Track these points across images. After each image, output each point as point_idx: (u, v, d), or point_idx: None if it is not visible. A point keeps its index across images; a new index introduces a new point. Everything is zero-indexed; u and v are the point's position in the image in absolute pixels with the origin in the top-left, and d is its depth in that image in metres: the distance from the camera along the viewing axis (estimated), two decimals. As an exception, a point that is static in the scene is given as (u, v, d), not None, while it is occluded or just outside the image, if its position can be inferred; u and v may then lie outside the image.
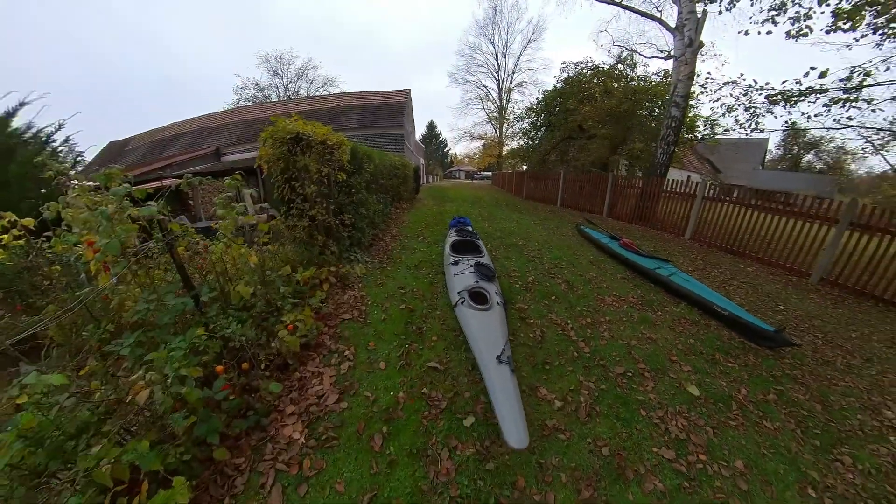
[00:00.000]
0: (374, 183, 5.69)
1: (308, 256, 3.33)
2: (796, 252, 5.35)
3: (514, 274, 4.53)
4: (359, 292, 3.59)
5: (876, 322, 3.98)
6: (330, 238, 3.63)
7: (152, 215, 1.67)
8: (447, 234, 5.49)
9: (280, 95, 31.69)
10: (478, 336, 2.32)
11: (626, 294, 4.00)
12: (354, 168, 4.49)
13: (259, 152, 2.92)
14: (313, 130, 3.15)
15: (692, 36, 8.33)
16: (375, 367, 2.48)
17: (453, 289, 3.14)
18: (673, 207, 7.96)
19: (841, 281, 4.82)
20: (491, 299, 2.84)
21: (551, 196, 12.25)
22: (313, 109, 18.28)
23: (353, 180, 4.50)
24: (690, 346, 2.99)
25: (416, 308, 3.36)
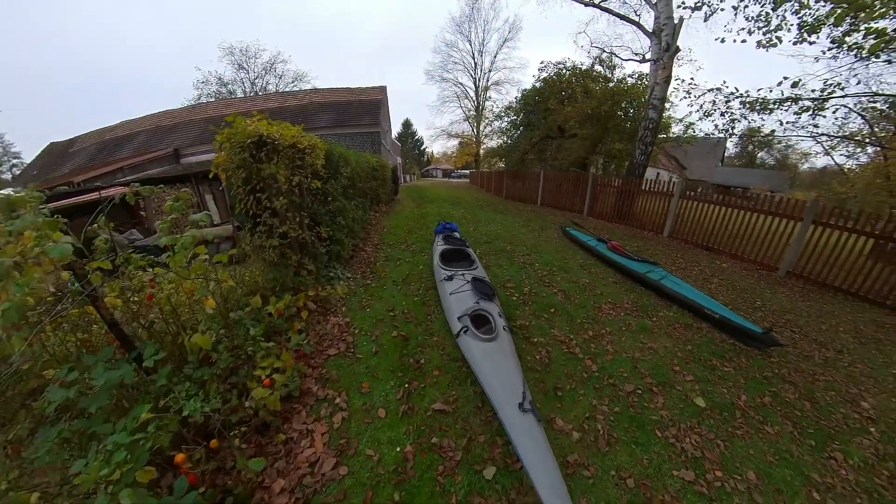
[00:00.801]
0: (351, 187, 5.27)
1: (281, 280, 2.89)
2: (765, 248, 5.68)
3: (509, 285, 4.29)
4: (343, 318, 3.19)
5: (839, 313, 4.32)
6: (305, 256, 3.22)
7: (64, 259, 1.22)
8: (433, 241, 5.18)
9: (246, 91, 30.00)
10: (489, 374, 2.07)
11: (620, 300, 3.97)
12: (330, 173, 4.08)
13: (215, 159, 2.45)
14: (281, 132, 2.71)
15: (669, 41, 8.51)
16: (374, 415, 2.14)
17: (451, 312, 2.85)
18: (651, 206, 8.17)
19: (805, 274, 5.19)
20: (496, 325, 2.58)
21: (531, 195, 12.25)
22: (282, 107, 17.29)
23: (329, 186, 4.09)
24: (689, 353, 3.01)
25: (411, 335, 3.03)
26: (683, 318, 3.65)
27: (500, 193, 14.88)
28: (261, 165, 2.52)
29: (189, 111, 19.32)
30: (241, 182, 2.60)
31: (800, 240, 5.23)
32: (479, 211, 10.07)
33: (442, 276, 3.43)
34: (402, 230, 6.65)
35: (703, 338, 3.28)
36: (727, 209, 6.29)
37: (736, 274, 5.46)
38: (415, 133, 57.28)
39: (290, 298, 2.61)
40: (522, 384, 1.99)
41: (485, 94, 32.03)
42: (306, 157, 3.11)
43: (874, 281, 4.64)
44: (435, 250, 4.42)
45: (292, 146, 2.86)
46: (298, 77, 31.63)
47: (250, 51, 29.90)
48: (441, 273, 3.53)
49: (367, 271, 4.42)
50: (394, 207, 9.89)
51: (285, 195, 2.78)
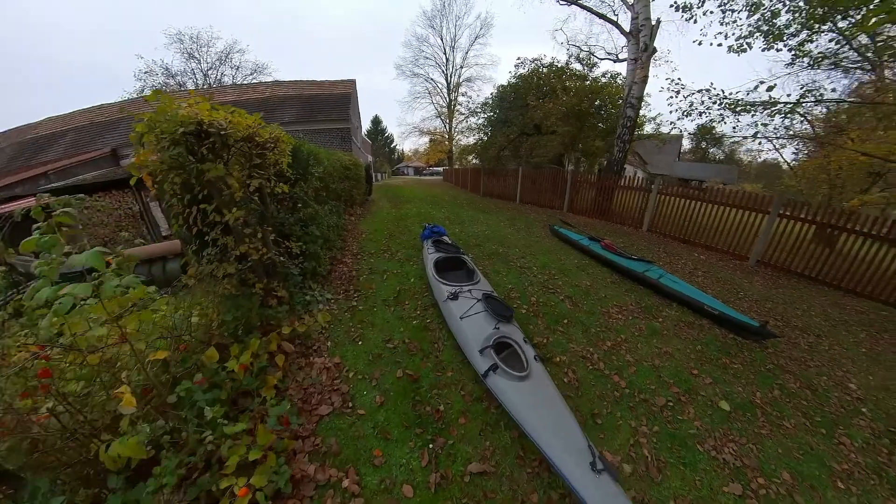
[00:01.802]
0: (324, 190, 4.61)
1: (244, 318, 2.25)
2: (736, 239, 6.09)
3: (513, 294, 3.89)
4: (331, 358, 2.58)
5: (806, 297, 4.72)
6: (274, 280, 2.59)
7: None
8: (422, 247, 4.66)
9: (199, 83, 27.49)
10: (535, 422, 1.71)
11: (624, 302, 3.92)
12: (298, 174, 3.44)
13: (135, 157, 1.77)
14: (231, 120, 2.08)
15: (647, 41, 8.63)
16: (398, 495, 1.63)
17: (467, 343, 2.36)
18: (629, 201, 8.39)
19: (772, 262, 5.68)
20: (525, 356, 2.14)
21: (510, 192, 12.10)
22: (240, 100, 15.85)
23: (299, 190, 3.45)
24: (700, 353, 3.06)
25: (420, 373, 2.50)
26: (685, 316, 3.68)
27: (477, 191, 14.62)
28: (202, 165, 1.86)
29: (129, 106, 17.25)
30: (177, 189, 1.93)
31: (767, 231, 5.65)
32: (461, 210, 9.63)
33: (445, 296, 2.91)
34: (383, 235, 6.04)
35: (708, 336, 3.33)
36: (702, 203, 6.57)
37: (714, 265, 5.74)
38: (384, 130, 55.73)
39: (258, 343, 2.00)
40: (583, 435, 1.67)
41: (457, 90, 31.57)
42: (268, 155, 2.47)
43: (825, 265, 5.20)
44: (426, 259, 3.91)
45: (248, 139, 2.23)
46: (258, 69, 29.40)
47: (202, 38, 27.36)
48: (442, 290, 3.03)
49: (351, 289, 3.79)
50: (369, 209, 9.20)
51: (241, 205, 2.15)
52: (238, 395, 1.89)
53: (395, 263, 4.58)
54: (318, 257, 3.55)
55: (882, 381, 2.93)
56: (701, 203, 6.61)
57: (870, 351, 3.43)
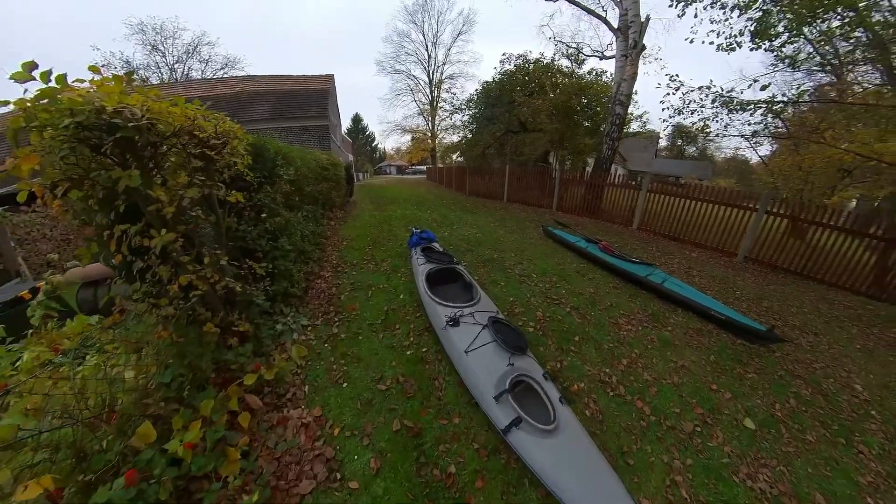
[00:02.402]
0: (297, 194, 4.08)
1: (193, 368, 1.74)
2: (725, 236, 6.19)
3: (517, 309, 3.50)
4: (309, 410, 2.08)
5: (796, 293, 4.78)
6: (234, 312, 2.08)
7: None
8: (409, 256, 4.21)
9: (164, 78, 25.77)
10: (573, 492, 1.41)
11: (631, 310, 3.75)
12: (263, 177, 2.92)
13: (10, 161, 1.23)
14: (152, 107, 1.55)
15: (637, 38, 8.53)
16: None
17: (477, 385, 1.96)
18: (619, 199, 8.46)
19: (760, 258, 5.79)
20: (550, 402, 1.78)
21: (497, 191, 11.85)
22: (208, 95, 14.81)
23: (264, 196, 2.93)
24: (715, 364, 2.95)
25: (422, 423, 2.05)
26: (692, 321, 3.57)
27: (462, 190, 14.28)
28: (112, 172, 1.34)
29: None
30: (91, 203, 1.40)
31: (755, 228, 5.76)
32: (448, 211, 9.21)
33: (443, 322, 2.48)
34: (366, 242, 5.53)
35: (718, 343, 3.24)
36: (691, 201, 6.63)
37: (706, 263, 5.76)
38: (366, 128, 54.39)
39: (212, 405, 1.50)
40: (629, 497, 1.41)
41: (439, 87, 31.02)
42: (219, 156, 1.96)
43: (809, 261, 5.36)
44: (416, 271, 3.46)
45: (189, 134, 1.71)
46: (230, 63, 27.89)
47: (167, 29, 25.67)
48: (438, 313, 2.59)
49: (331, 311, 3.27)
50: (350, 212, 8.63)
51: (179, 223, 1.63)
52: (188, 481, 1.41)
53: (380, 276, 4.09)
54: (291, 275, 3.04)
55: (881, 378, 2.98)
56: (691, 201, 6.65)
57: (864, 347, 3.50)
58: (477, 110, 13.04)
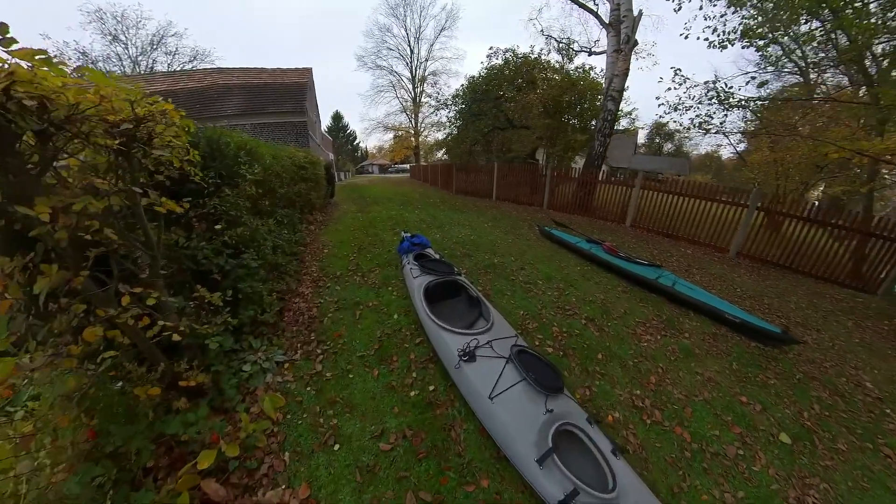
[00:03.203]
0: (267, 196, 3.50)
1: (120, 455, 1.16)
2: (717, 232, 6.22)
3: (530, 325, 3.10)
4: (291, 492, 1.54)
5: (790, 288, 4.81)
6: (180, 360, 1.53)
7: None
8: (401, 264, 3.71)
9: (126, 71, 23.94)
10: None
11: (646, 317, 3.56)
12: (220, 176, 2.36)
13: None
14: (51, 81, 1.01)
15: (629, 33, 8.37)
16: None
17: (513, 444, 1.55)
18: (611, 196, 8.40)
19: (751, 253, 5.86)
20: (603, 458, 1.46)
21: (484, 189, 11.51)
22: (172, 89, 13.70)
23: (222, 201, 2.37)
24: (738, 372, 2.83)
25: (444, 496, 1.58)
26: (706, 326, 3.47)
27: (448, 188, 13.84)
28: None
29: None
30: None
31: (746, 224, 5.82)
32: (437, 210, 8.71)
33: (455, 357, 1.99)
34: (350, 248, 4.97)
35: (735, 348, 3.14)
36: (683, 198, 6.63)
37: (702, 260, 5.75)
38: (346, 126, 52.80)
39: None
40: None
41: (422, 84, 30.38)
42: (140, 148, 1.41)
43: (796, 255, 5.46)
44: (412, 286, 2.97)
45: (91, 119, 1.17)
46: (199, 55, 26.24)
47: (129, 18, 23.84)
48: (446, 343, 2.11)
49: (312, 339, 2.70)
50: (332, 214, 8.00)
51: (84, 247, 1.09)
52: None
53: (369, 291, 3.53)
54: (260, 298, 2.48)
55: (886, 373, 2.99)
56: (683, 198, 6.63)
57: (862, 341, 3.55)
58: (464, 105, 12.56)
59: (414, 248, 3.82)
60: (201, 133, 2.49)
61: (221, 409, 1.94)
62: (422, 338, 2.67)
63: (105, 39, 23.49)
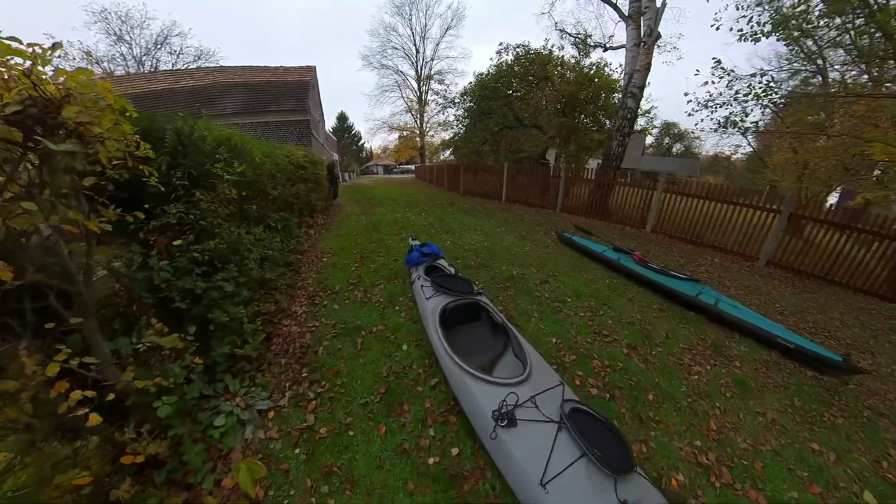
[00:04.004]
0: (257, 199, 3.03)
1: None
2: (746, 239, 5.77)
3: (567, 357, 2.61)
4: None
5: (831, 302, 4.36)
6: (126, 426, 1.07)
7: None
8: (409, 278, 3.24)
9: (130, 71, 23.79)
10: None
11: (690, 342, 3.11)
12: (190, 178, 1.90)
13: None
14: None
15: (651, 25, 7.82)
16: None
17: None
18: (630, 200, 7.71)
19: (782, 262, 5.40)
20: None
21: (494, 191, 11.00)
22: (173, 88, 13.38)
23: (196, 205, 1.90)
24: (802, 412, 2.45)
25: None
26: (755, 351, 3.06)
27: (455, 189, 13.38)
28: None
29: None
30: None
31: (778, 231, 5.41)
32: (445, 213, 8.23)
33: (488, 420, 1.49)
34: (352, 257, 4.49)
35: (792, 379, 2.76)
36: (709, 202, 6.18)
37: (731, 269, 5.30)
38: (351, 127, 52.44)
39: None
40: None
41: (427, 83, 29.94)
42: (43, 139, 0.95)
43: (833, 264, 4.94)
44: (423, 307, 2.48)
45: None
46: (203, 55, 26.06)
47: (133, 18, 23.69)
48: (473, 395, 1.62)
49: (303, 377, 2.19)
50: (334, 217, 7.55)
51: None
52: None
53: (372, 312, 3.02)
54: (240, 326, 2.00)
55: None
56: (709, 202, 6.16)
57: None
58: (472, 103, 12.06)
59: (424, 260, 3.34)
60: (169, 125, 2.02)
61: (183, 483, 1.47)
62: (438, 378, 2.16)
63: (109, 39, 23.38)
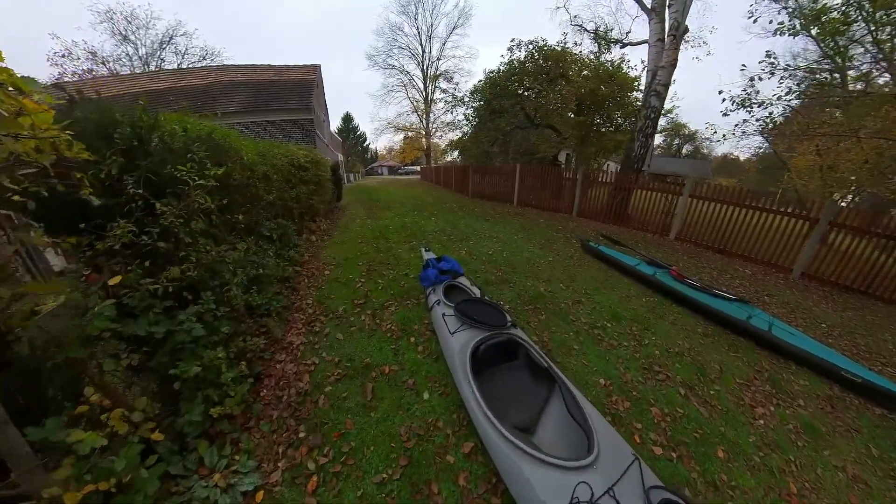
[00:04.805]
0: (244, 205, 2.56)
1: None
2: (779, 249, 5.40)
3: (619, 406, 2.13)
4: None
5: (878, 320, 3.94)
6: None
7: None
8: (427, 301, 2.73)
9: (135, 70, 23.64)
10: None
11: (745, 375, 2.67)
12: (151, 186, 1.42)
13: None
14: None
15: (679, 18, 7.30)
16: None
17: None
18: (652, 205, 7.26)
19: (818, 275, 5.01)
20: None
21: (505, 194, 10.49)
22: (175, 87, 13.05)
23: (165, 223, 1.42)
24: (883, 463, 2.03)
25: None
26: (816, 385, 2.67)
27: (463, 191, 12.89)
28: None
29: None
30: None
31: (815, 241, 5.09)
32: (456, 217, 7.73)
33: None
34: (357, 269, 4.00)
35: (862, 419, 2.39)
36: (740, 209, 5.78)
37: (765, 282, 4.86)
38: (357, 128, 52.15)
39: None
40: None
41: (433, 83, 29.55)
42: None
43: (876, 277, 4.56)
44: (448, 346, 1.98)
45: None
46: (208, 54, 25.95)
47: (138, 18, 23.56)
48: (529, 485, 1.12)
49: (300, 435, 1.70)
50: (337, 221, 7.08)
51: None
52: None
53: (383, 343, 2.48)
54: (218, 376, 1.52)
55: None
56: (739, 209, 5.76)
57: None
58: (482, 102, 11.56)
59: (443, 278, 2.84)
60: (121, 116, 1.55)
61: None
62: (473, 442, 1.65)
63: (115, 39, 23.26)
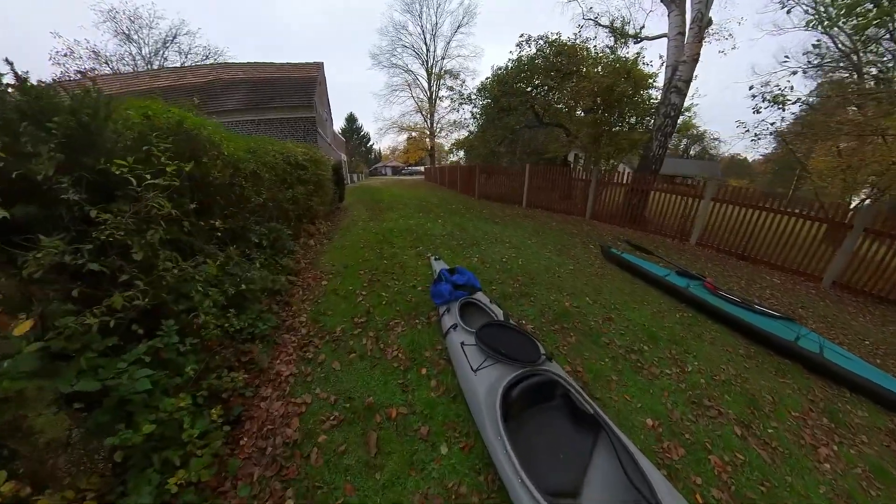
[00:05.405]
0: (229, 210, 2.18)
1: None
2: (809, 257, 5.12)
3: (673, 454, 1.75)
4: None
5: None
6: None
7: None
8: (441, 325, 2.35)
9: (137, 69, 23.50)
10: None
11: (800, 406, 2.32)
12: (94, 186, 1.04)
13: None
14: None
15: (702, 9, 6.90)
16: None
17: None
18: (671, 208, 6.89)
19: (852, 284, 4.72)
20: None
21: (514, 195, 10.14)
22: (176, 85, 12.77)
23: (106, 238, 1.04)
24: None
25: None
26: (875, 417, 2.31)
27: (469, 192, 12.52)
28: None
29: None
30: None
31: (849, 248, 4.78)
32: (463, 219, 7.33)
33: None
34: (358, 279, 3.62)
35: None
36: (766, 213, 5.46)
37: (796, 293, 4.52)
38: (360, 128, 51.86)
39: None
40: None
41: (438, 82, 29.21)
42: None
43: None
44: (471, 386, 1.59)
45: None
46: (211, 53, 25.75)
47: (142, 17, 23.41)
48: None
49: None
50: (339, 223, 6.71)
51: None
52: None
53: (388, 376, 2.08)
54: (179, 433, 1.14)
55: None
56: (765, 213, 5.44)
57: None
58: (490, 99, 11.18)
59: (458, 294, 2.44)
60: (58, 99, 1.18)
61: None
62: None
63: (118, 39, 23.13)
